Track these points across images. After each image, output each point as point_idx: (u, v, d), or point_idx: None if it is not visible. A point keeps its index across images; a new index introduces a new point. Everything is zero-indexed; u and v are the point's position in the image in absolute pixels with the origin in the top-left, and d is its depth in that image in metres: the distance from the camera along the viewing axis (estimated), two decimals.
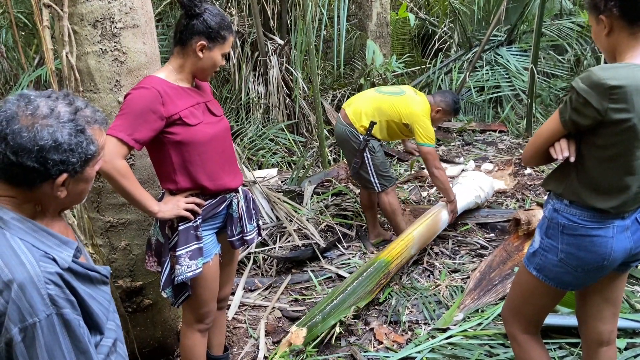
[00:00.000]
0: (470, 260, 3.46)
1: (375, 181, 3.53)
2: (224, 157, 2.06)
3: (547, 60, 6.74)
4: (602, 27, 1.57)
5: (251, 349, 2.77)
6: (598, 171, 1.59)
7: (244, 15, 5.78)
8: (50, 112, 1.06)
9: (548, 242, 1.73)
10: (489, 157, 5.21)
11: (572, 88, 1.52)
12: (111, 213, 2.27)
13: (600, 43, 1.63)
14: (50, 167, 1.05)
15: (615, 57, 1.60)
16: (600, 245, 1.63)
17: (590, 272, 1.68)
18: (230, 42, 1.98)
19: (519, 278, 1.89)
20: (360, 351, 2.65)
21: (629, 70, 1.48)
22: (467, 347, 2.56)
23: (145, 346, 2.50)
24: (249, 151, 5.40)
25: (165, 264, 2.00)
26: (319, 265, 3.53)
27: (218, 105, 2.13)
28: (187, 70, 1.97)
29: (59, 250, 1.09)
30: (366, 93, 3.69)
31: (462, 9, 7.21)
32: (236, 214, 2.12)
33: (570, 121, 1.55)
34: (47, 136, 1.04)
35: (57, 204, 1.15)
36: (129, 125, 1.82)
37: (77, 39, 2.06)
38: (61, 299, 1.03)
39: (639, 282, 2.90)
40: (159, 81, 1.90)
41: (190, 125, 1.92)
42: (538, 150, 1.69)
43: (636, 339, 2.44)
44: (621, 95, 1.45)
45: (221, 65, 2.00)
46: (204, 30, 1.89)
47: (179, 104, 1.91)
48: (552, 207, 1.71)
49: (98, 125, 1.16)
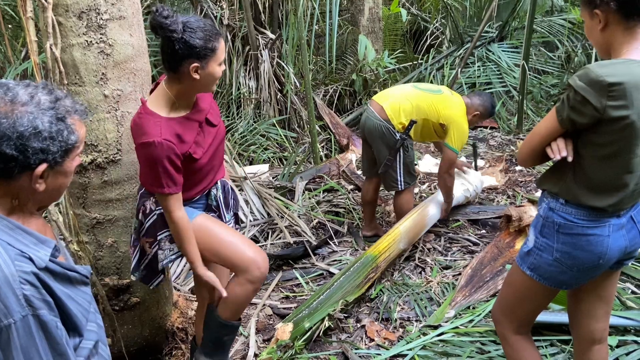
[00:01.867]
0: (462, 257, 3.44)
1: (401, 179, 3.41)
2: (214, 165, 2.07)
3: (539, 57, 6.74)
4: (596, 22, 1.54)
5: (241, 347, 2.74)
6: (596, 170, 1.56)
7: (234, 8, 5.71)
8: (30, 99, 1.05)
9: (543, 241, 1.70)
10: (480, 154, 5.20)
11: (570, 86, 1.49)
12: (97, 209, 2.22)
13: (594, 38, 1.60)
14: (30, 155, 1.03)
15: (610, 52, 1.57)
16: (596, 244, 1.61)
17: (585, 272, 1.66)
18: (222, 47, 1.86)
19: (511, 278, 1.86)
20: (351, 348, 2.63)
21: (627, 66, 1.45)
22: (459, 344, 2.55)
23: (133, 345, 2.46)
24: (239, 147, 5.35)
25: (136, 248, 2.04)
26: (310, 263, 3.51)
27: (217, 110, 2.08)
28: (188, 95, 1.91)
29: (35, 249, 1.05)
30: (404, 88, 3.52)
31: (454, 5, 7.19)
32: (214, 204, 2.12)
33: (568, 120, 1.52)
34: (27, 123, 1.02)
35: (35, 199, 1.11)
36: (171, 180, 1.87)
37: (61, 31, 2.00)
38: (37, 300, 0.99)
39: (630, 279, 2.90)
40: (165, 125, 1.83)
41: (195, 160, 1.93)
42: (534, 150, 1.66)
43: (628, 336, 2.44)
44: (620, 92, 1.42)
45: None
46: (191, 53, 1.77)
47: (187, 140, 1.89)
48: (548, 205, 1.68)
49: (78, 116, 1.13)
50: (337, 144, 5.49)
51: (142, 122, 1.84)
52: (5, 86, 1.05)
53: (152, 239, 2.00)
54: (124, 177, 2.20)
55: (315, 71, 6.61)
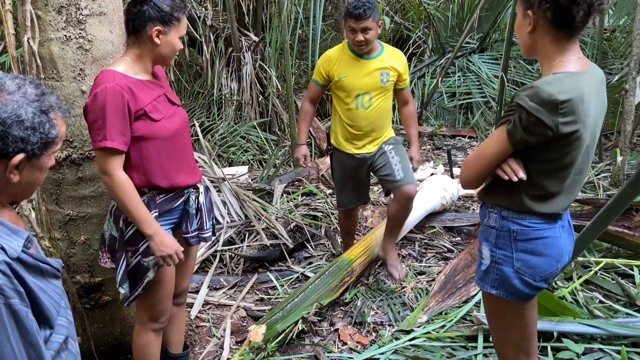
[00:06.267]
0: (436, 263, 3.49)
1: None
2: (182, 153, 2.01)
3: (517, 69, 6.87)
4: (527, 22, 1.54)
5: (213, 349, 2.72)
6: (546, 181, 1.56)
7: (218, 10, 5.71)
8: (17, 89, 1.07)
9: (500, 254, 1.65)
10: (457, 162, 5.27)
11: (520, 107, 1.45)
12: (71, 206, 2.20)
13: (521, 36, 1.59)
14: (9, 142, 1.04)
15: (533, 54, 1.59)
16: (553, 246, 1.62)
17: (545, 280, 1.65)
18: (185, 23, 1.93)
19: (486, 309, 1.81)
20: (324, 352, 2.64)
21: (571, 80, 1.46)
22: (430, 349, 2.58)
23: (103, 344, 2.43)
24: (219, 148, 5.34)
25: (121, 259, 1.94)
26: (286, 265, 3.51)
27: (174, 94, 2.09)
28: (146, 60, 1.91)
29: (8, 239, 1.04)
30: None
31: (436, 15, 7.29)
32: (193, 210, 2.07)
33: (522, 141, 1.49)
34: (10, 110, 1.04)
35: (7, 192, 1.11)
36: (116, 130, 1.78)
37: (40, 25, 1.98)
38: (9, 289, 0.98)
39: (598, 289, 2.97)
40: (119, 75, 1.82)
41: (153, 121, 1.88)
42: (483, 172, 1.61)
43: (594, 344, 2.49)
44: (569, 107, 1.43)
45: (181, 50, 1.94)
46: (156, 16, 1.83)
47: (143, 98, 1.86)
48: (499, 215, 1.64)
49: (61, 113, 1.15)
50: (317, 148, 5.52)
51: (96, 79, 1.84)
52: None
53: (134, 247, 1.93)
54: (98, 174, 2.18)
55: (297, 75, 6.63)
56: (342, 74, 2.93)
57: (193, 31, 5.38)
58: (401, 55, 3.01)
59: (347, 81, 2.91)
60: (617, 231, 3.10)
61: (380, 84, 2.91)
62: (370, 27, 2.78)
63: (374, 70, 2.90)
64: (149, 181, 1.92)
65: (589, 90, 1.49)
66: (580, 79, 1.48)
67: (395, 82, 2.98)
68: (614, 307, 2.78)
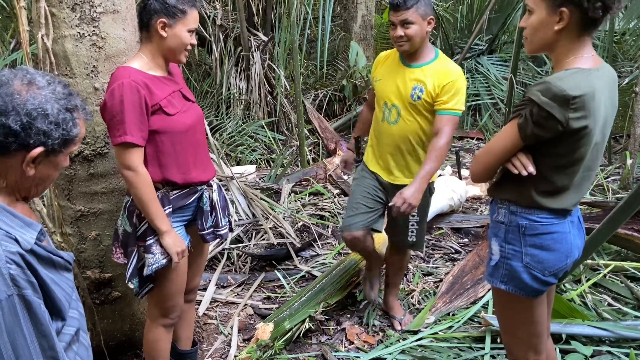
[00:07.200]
0: (444, 264, 3.48)
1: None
2: (197, 148, 2.03)
3: (526, 71, 6.85)
4: (555, 19, 1.48)
5: (221, 346, 2.73)
6: (557, 176, 1.57)
7: (228, 9, 5.73)
8: (47, 85, 1.11)
9: (510, 249, 1.66)
10: (465, 164, 5.26)
11: (532, 101, 1.46)
12: (82, 202, 2.22)
13: (542, 33, 1.53)
14: (32, 134, 1.07)
15: (554, 52, 1.56)
16: (562, 241, 1.62)
17: (554, 275, 1.66)
18: (194, 16, 1.92)
19: (496, 304, 1.81)
20: (330, 351, 2.64)
21: (583, 76, 1.47)
22: (437, 349, 2.58)
23: (112, 339, 2.44)
24: (227, 147, 5.35)
25: (132, 254, 1.96)
26: (292, 264, 3.52)
27: (189, 91, 2.11)
28: (157, 56, 1.93)
29: (21, 231, 1.05)
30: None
31: (445, 16, 7.29)
32: (207, 207, 2.08)
33: (533, 135, 1.50)
34: (38, 103, 1.08)
35: (21, 185, 1.12)
36: (134, 125, 1.80)
37: (54, 22, 2.00)
38: (22, 280, 1.00)
39: (607, 292, 2.96)
40: (134, 72, 1.85)
41: (169, 115, 1.90)
42: (492, 166, 1.63)
43: (602, 346, 2.49)
44: (580, 103, 1.44)
45: (192, 45, 1.94)
46: (160, 8, 1.85)
47: (158, 94, 1.88)
48: (507, 210, 1.66)
49: (84, 115, 1.19)
50: (324, 148, 5.52)
51: (112, 75, 1.87)
52: (25, 70, 1.12)
53: (144, 243, 1.94)
54: (110, 170, 2.20)
55: (306, 75, 6.63)
56: (379, 76, 2.54)
57: (202, 30, 5.40)
58: (450, 73, 2.34)
59: (379, 85, 2.52)
60: (626, 234, 3.09)
61: (409, 99, 2.37)
62: (413, 20, 2.28)
63: (410, 80, 2.38)
64: (164, 176, 1.93)
65: (600, 88, 1.49)
66: (593, 76, 1.49)
67: (431, 103, 2.36)
68: (622, 310, 2.77)
